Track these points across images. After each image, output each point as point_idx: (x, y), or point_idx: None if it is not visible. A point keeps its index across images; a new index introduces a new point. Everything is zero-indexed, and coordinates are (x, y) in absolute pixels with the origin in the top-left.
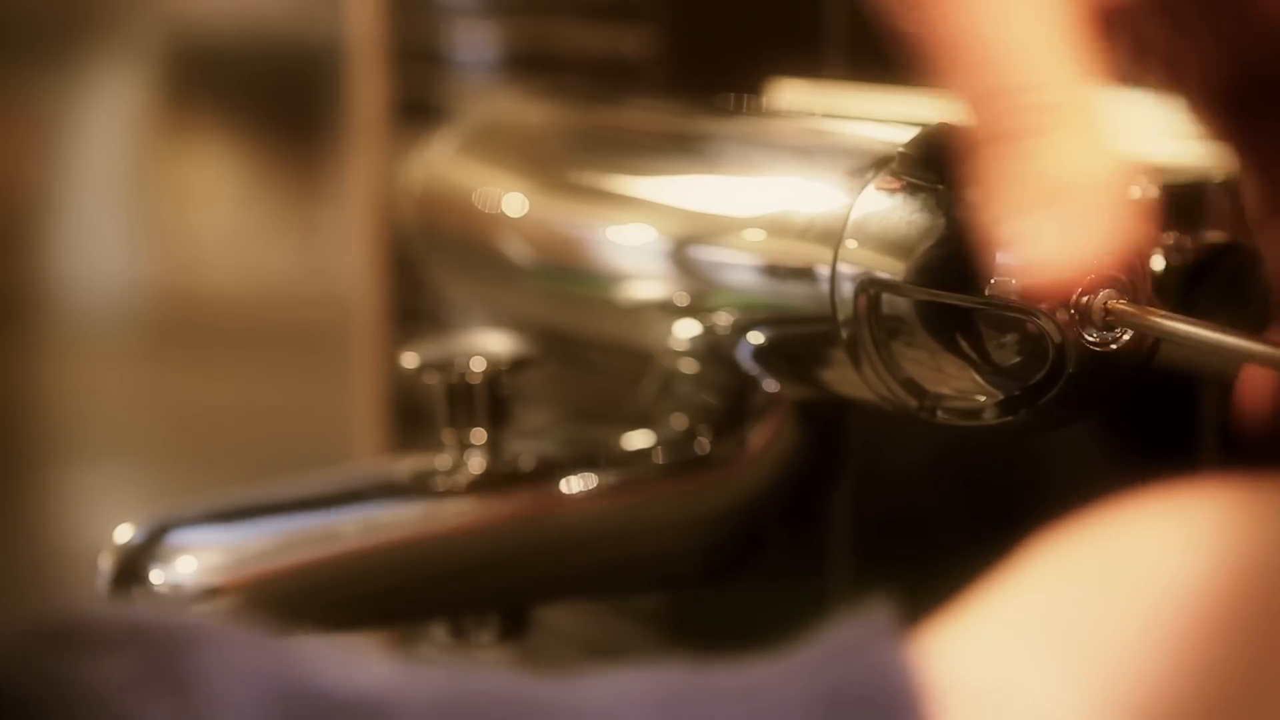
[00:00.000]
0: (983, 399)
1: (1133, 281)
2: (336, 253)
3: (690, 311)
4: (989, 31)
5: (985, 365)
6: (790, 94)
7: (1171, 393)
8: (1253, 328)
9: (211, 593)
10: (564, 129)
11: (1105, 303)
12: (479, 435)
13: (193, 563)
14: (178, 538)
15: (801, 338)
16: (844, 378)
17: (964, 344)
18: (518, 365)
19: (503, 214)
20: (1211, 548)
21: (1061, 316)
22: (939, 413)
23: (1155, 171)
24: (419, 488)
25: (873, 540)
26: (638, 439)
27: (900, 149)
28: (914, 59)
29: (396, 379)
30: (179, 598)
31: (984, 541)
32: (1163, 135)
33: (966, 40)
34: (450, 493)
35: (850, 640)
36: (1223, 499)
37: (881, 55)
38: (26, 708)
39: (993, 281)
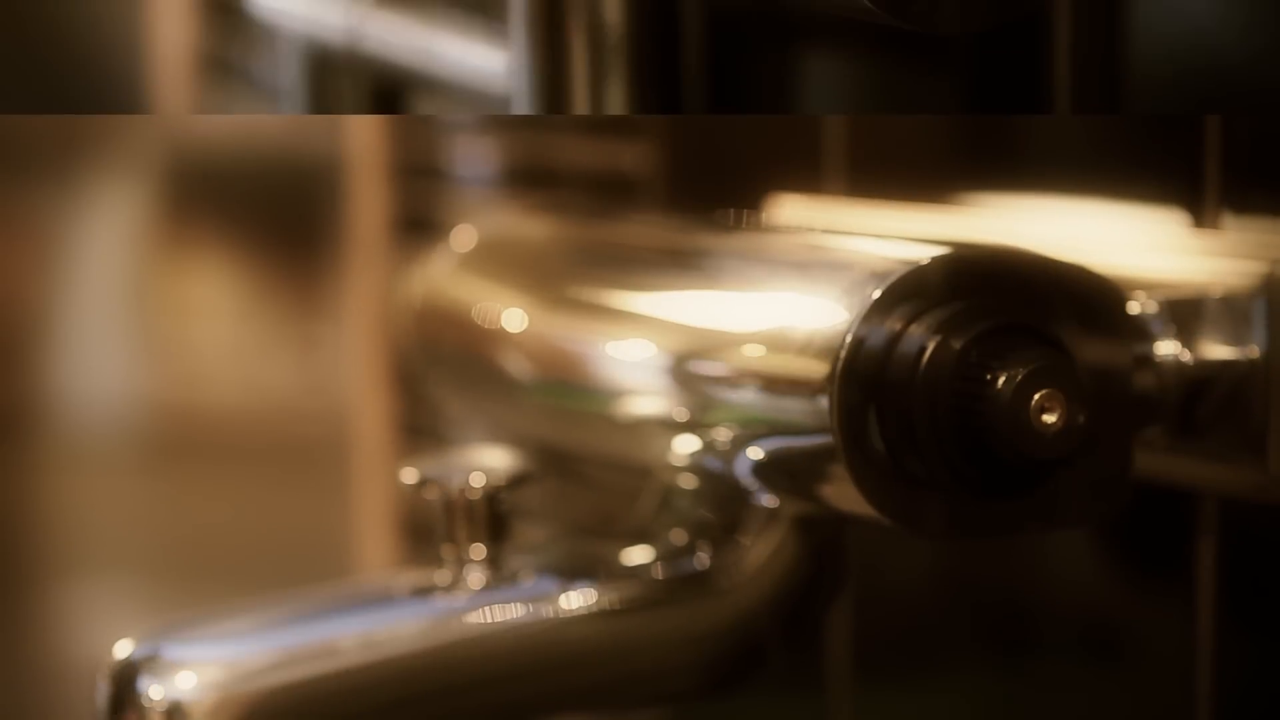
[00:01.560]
0: None
1: None
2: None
3: (689, 427)
4: None
5: None
6: (790, 210)
7: (1166, 505)
8: (1254, 442)
9: (210, 709)
10: (563, 244)
11: None
12: (478, 550)
13: (191, 678)
14: (176, 653)
15: (801, 453)
16: (843, 493)
17: None
18: (517, 481)
19: (502, 329)
20: None
21: None
22: None
23: (1153, 286)
24: (418, 603)
25: (872, 656)
26: (637, 554)
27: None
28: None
29: (398, 495)
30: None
31: (983, 658)
32: (1153, 249)
33: None
34: (450, 608)
35: None
36: None
37: (880, 173)
38: None
39: None
